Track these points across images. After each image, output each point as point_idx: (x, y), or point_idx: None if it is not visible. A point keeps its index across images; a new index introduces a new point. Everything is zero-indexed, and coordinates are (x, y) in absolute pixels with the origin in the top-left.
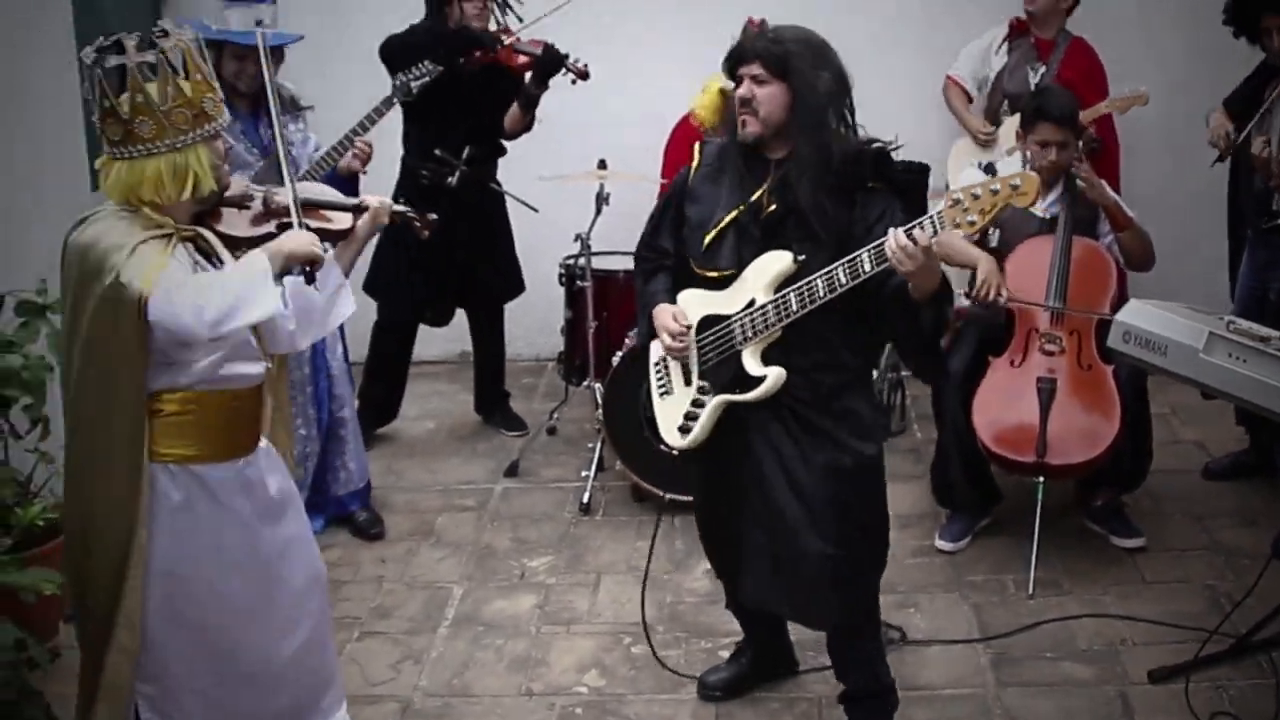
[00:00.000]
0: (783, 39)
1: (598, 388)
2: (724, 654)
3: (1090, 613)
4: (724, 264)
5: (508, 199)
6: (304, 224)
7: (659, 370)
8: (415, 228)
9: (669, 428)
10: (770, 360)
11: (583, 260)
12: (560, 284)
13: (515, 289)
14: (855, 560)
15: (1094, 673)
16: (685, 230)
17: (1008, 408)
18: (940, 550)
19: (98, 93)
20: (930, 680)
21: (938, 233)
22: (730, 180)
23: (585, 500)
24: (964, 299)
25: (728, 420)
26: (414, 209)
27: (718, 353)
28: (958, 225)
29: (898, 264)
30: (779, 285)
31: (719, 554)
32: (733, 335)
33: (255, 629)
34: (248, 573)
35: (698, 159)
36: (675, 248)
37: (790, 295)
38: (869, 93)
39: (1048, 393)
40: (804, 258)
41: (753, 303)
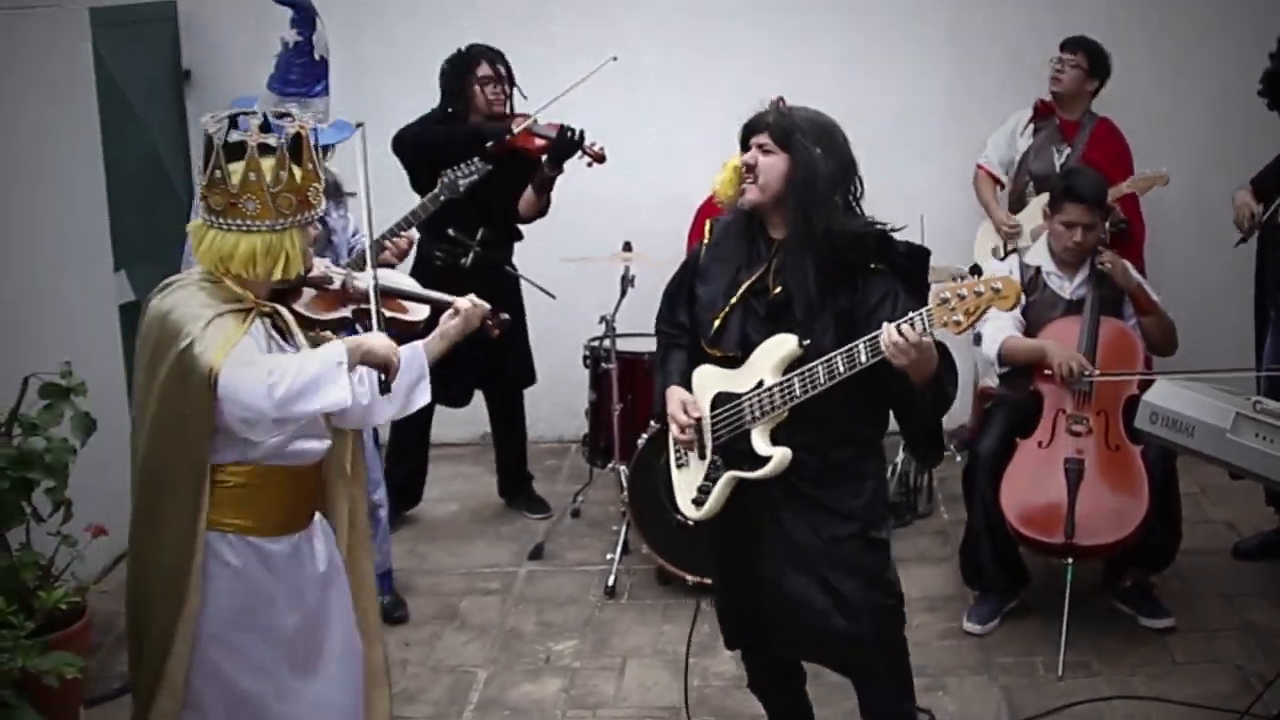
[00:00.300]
0: (792, 114)
1: (623, 470)
2: None
3: (1120, 694)
4: (730, 346)
5: (524, 284)
6: (381, 312)
7: (677, 442)
8: (488, 326)
9: (684, 499)
10: (779, 439)
11: (607, 342)
12: (585, 366)
13: (527, 379)
14: (877, 625)
15: None
16: (696, 308)
17: (1036, 489)
18: (969, 632)
19: (212, 162)
20: None
21: (928, 329)
22: (737, 259)
23: (611, 583)
24: (993, 380)
25: (742, 493)
26: (491, 309)
27: (729, 429)
28: (945, 324)
29: (892, 358)
30: (786, 368)
31: (736, 623)
32: (743, 414)
33: (290, 698)
34: (290, 643)
35: (708, 235)
36: (690, 323)
37: (794, 380)
38: (896, 171)
39: (1075, 473)
40: (809, 341)
41: (761, 383)
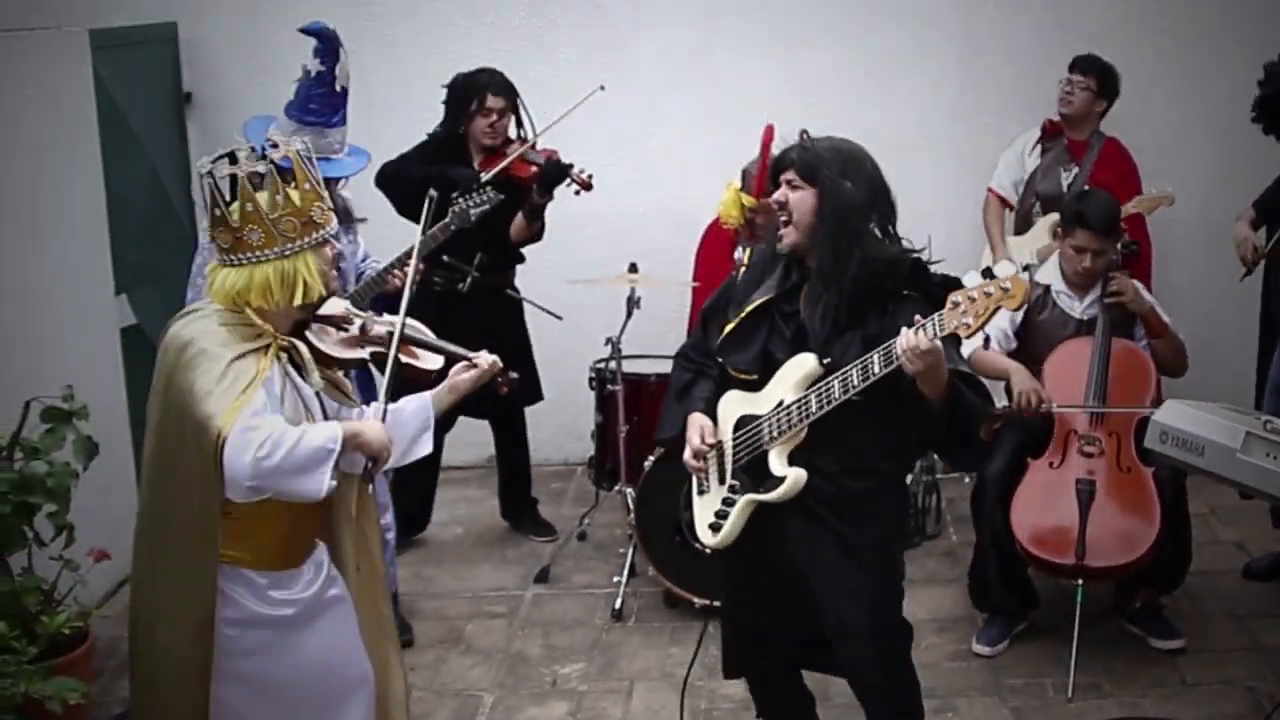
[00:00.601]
0: (816, 147)
1: (629, 492)
2: None
3: (1131, 715)
4: (748, 364)
5: (529, 306)
6: (398, 358)
7: (692, 470)
8: (497, 384)
9: (702, 525)
10: (796, 462)
11: (613, 364)
12: (590, 388)
13: (533, 396)
14: (885, 649)
15: None
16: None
17: (1047, 509)
18: (978, 654)
19: (209, 201)
20: None
21: (939, 334)
22: (770, 284)
23: (617, 606)
24: (1001, 400)
25: (760, 522)
26: (502, 367)
27: (749, 451)
28: (956, 327)
29: (906, 363)
30: (806, 387)
31: (743, 645)
32: (761, 435)
33: None
34: (299, 674)
35: (747, 261)
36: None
37: (811, 396)
38: (904, 191)
39: (1087, 494)
40: (829, 360)
41: (781, 403)
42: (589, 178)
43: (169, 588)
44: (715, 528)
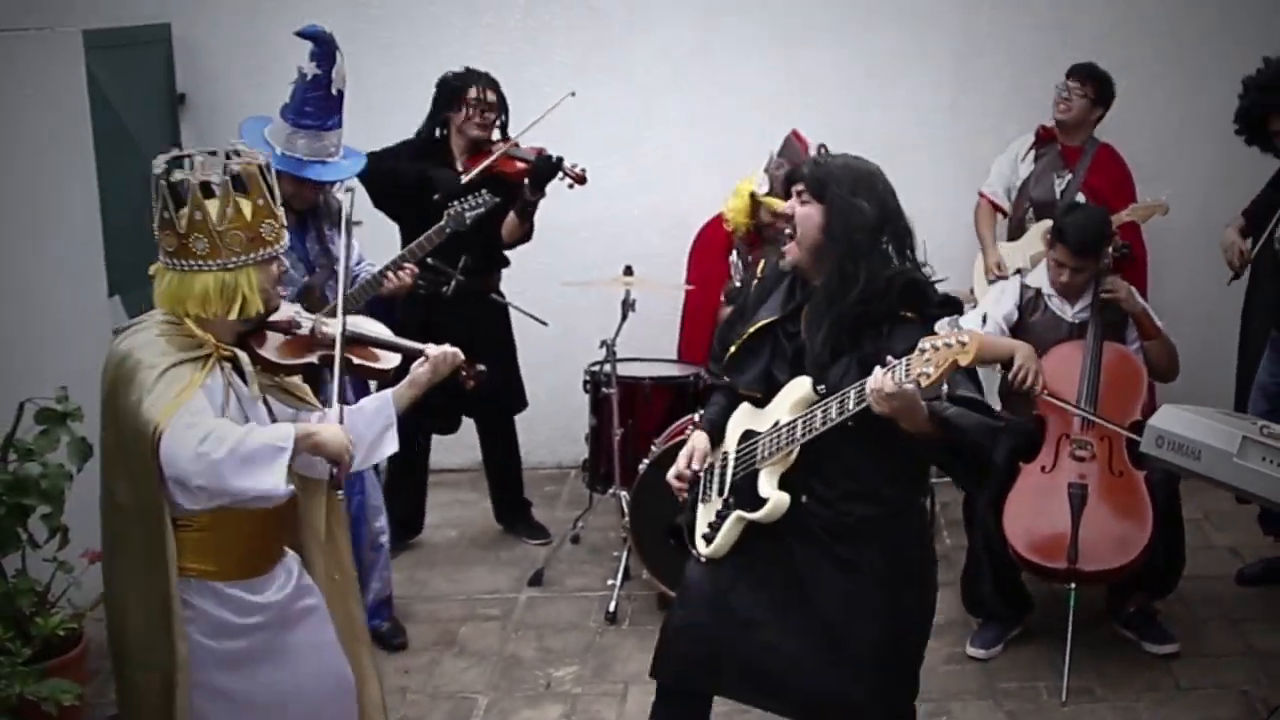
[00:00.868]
0: (828, 163)
1: (624, 495)
2: None
3: None
4: (749, 382)
5: (515, 311)
6: (347, 358)
7: (705, 475)
8: (462, 377)
9: (699, 533)
10: (791, 485)
11: (608, 367)
12: (585, 391)
13: (518, 403)
14: (880, 690)
15: None
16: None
17: (1039, 514)
18: (972, 657)
19: (159, 203)
20: None
21: (903, 380)
22: (774, 303)
23: (611, 609)
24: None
25: (756, 536)
26: (466, 358)
27: (744, 468)
28: (918, 376)
29: (873, 404)
30: (800, 411)
31: (689, 650)
32: (755, 453)
33: None
34: (281, 690)
35: (760, 271)
36: None
37: (798, 422)
38: (900, 193)
39: (1079, 498)
40: (823, 386)
41: (777, 423)
42: (582, 171)
43: (135, 601)
44: (708, 538)
